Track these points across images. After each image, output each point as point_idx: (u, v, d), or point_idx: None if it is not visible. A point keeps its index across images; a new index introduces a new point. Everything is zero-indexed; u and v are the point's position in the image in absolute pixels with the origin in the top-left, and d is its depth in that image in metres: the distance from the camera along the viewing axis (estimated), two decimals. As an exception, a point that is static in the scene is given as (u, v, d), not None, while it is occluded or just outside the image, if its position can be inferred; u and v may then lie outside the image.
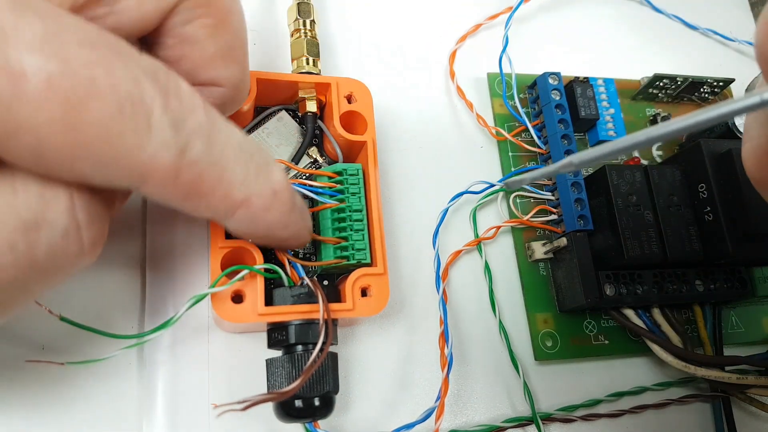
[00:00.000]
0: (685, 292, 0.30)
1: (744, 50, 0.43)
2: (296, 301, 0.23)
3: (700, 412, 0.32)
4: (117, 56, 0.15)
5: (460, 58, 0.35)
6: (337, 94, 0.27)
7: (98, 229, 0.17)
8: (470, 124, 0.34)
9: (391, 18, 0.35)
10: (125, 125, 0.15)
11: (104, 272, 0.26)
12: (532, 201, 0.33)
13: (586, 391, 0.30)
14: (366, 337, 0.28)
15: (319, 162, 0.28)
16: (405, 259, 0.30)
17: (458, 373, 0.29)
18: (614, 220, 0.29)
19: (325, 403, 0.23)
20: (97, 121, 0.15)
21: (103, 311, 0.25)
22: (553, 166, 0.20)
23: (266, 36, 0.32)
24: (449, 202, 0.31)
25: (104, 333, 0.21)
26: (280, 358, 0.23)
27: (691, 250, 0.29)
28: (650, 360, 0.32)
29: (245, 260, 0.25)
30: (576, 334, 0.31)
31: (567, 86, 0.33)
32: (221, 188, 0.18)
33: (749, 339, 0.33)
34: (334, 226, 0.25)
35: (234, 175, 0.18)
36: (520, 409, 0.29)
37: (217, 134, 0.18)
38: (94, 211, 0.17)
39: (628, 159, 0.35)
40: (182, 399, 0.25)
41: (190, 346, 0.26)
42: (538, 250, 0.31)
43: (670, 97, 0.37)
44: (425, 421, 0.26)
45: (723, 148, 0.30)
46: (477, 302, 0.31)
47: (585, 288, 0.29)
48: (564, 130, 0.32)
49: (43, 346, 0.24)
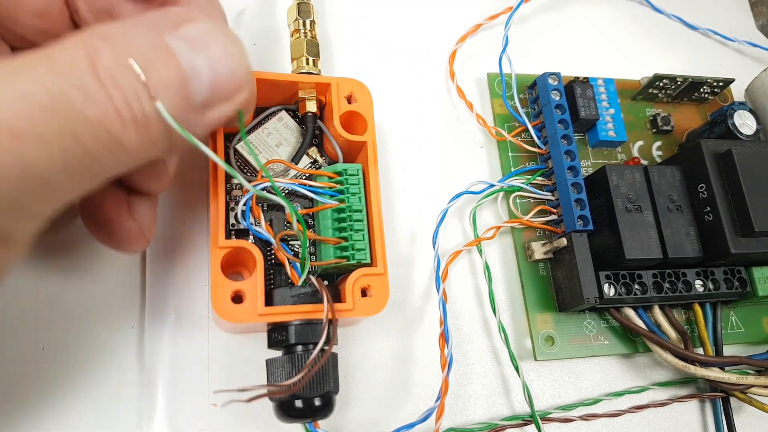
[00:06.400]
0: (685, 292, 0.30)
1: (744, 50, 0.43)
2: (297, 301, 0.23)
3: (700, 412, 0.32)
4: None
5: (460, 58, 0.35)
6: (337, 95, 0.27)
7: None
8: (470, 124, 0.34)
9: (391, 18, 0.35)
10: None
11: (105, 269, 0.26)
12: (532, 201, 0.33)
13: (586, 391, 0.31)
14: (366, 337, 0.28)
15: (319, 162, 0.28)
16: (405, 259, 0.30)
17: (458, 373, 0.29)
18: (614, 220, 0.29)
19: (325, 403, 0.23)
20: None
21: (104, 307, 0.25)
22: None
23: (266, 36, 0.32)
24: (449, 202, 0.31)
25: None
26: (280, 358, 0.23)
27: (691, 250, 0.29)
28: (650, 360, 0.32)
29: (245, 260, 0.25)
30: (576, 334, 0.31)
31: (567, 86, 0.33)
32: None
33: (749, 339, 0.33)
34: (334, 226, 0.25)
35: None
36: (520, 409, 0.29)
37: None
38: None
39: (628, 159, 0.35)
40: (182, 399, 0.25)
41: (190, 346, 0.26)
42: (537, 250, 0.31)
43: (670, 97, 0.37)
44: (425, 421, 0.26)
45: (723, 148, 0.30)
46: (477, 302, 0.31)
47: (585, 288, 0.29)
48: (564, 130, 0.32)
49: (44, 346, 0.24)
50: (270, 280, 0.26)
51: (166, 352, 0.25)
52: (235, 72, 0.19)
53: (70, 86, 0.15)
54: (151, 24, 0.18)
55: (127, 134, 0.16)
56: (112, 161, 0.17)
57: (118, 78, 0.16)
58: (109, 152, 0.16)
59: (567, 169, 0.31)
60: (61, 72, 0.15)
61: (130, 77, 0.16)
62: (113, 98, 0.16)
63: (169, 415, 0.25)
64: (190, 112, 0.18)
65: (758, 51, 0.43)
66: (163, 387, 0.25)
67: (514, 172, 0.33)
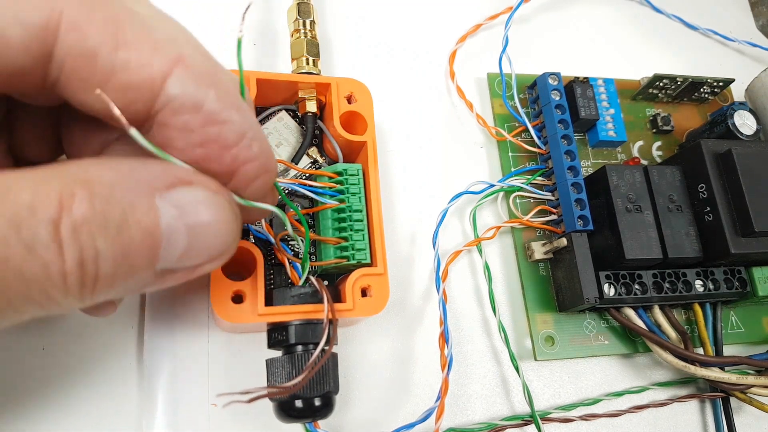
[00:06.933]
0: (685, 292, 0.30)
1: (744, 50, 0.43)
2: (297, 301, 0.23)
3: (700, 412, 0.32)
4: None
5: (460, 58, 0.35)
6: (337, 95, 0.27)
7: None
8: (470, 124, 0.34)
9: (391, 18, 0.35)
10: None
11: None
12: (532, 201, 0.33)
13: (586, 391, 0.31)
14: (366, 337, 0.28)
15: (319, 162, 0.28)
16: (405, 259, 0.30)
17: (458, 372, 0.29)
18: (614, 220, 0.29)
19: (325, 403, 0.23)
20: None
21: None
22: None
23: (266, 36, 0.32)
24: (449, 202, 0.31)
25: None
26: (280, 358, 0.23)
27: (691, 250, 0.29)
28: (650, 360, 0.32)
29: (246, 261, 0.25)
30: (576, 334, 0.31)
31: (567, 86, 0.33)
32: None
33: (749, 339, 0.33)
34: (334, 226, 0.25)
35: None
36: (520, 409, 0.29)
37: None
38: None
39: (628, 159, 0.35)
40: (182, 399, 0.25)
41: (190, 346, 0.26)
42: (537, 250, 0.31)
43: (670, 97, 0.37)
44: (425, 421, 0.26)
45: (723, 148, 0.30)
46: (477, 302, 0.31)
47: (585, 288, 0.29)
48: (564, 130, 0.32)
49: (44, 346, 0.24)
50: (270, 280, 0.26)
51: (166, 352, 0.25)
52: (214, 246, 0.17)
53: (16, 233, 0.13)
54: (147, 179, 0.16)
55: (66, 296, 0.15)
56: (35, 310, 0.15)
57: (81, 234, 0.14)
58: (39, 307, 0.15)
59: (567, 169, 0.31)
60: (15, 211, 0.13)
61: (96, 235, 0.14)
62: (65, 258, 0.14)
63: (169, 415, 0.25)
64: (148, 276, 0.16)
65: (758, 51, 0.43)
66: (163, 387, 0.25)
67: (514, 172, 0.33)
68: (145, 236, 0.16)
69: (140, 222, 0.15)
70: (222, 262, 0.18)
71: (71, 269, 0.14)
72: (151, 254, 0.16)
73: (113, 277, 0.15)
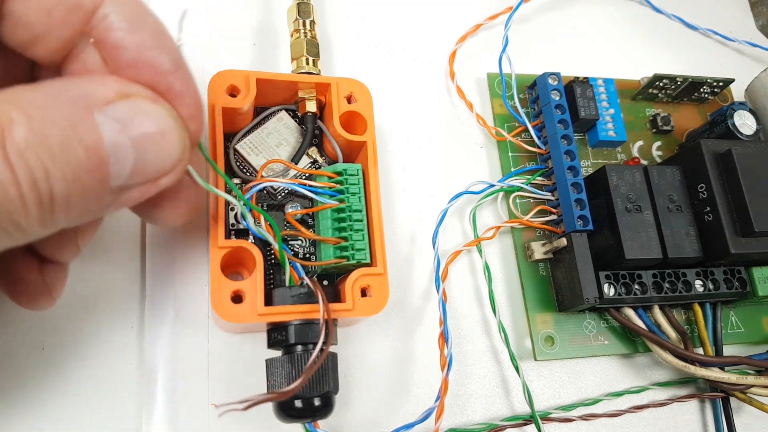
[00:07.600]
0: (685, 292, 0.30)
1: (744, 50, 0.43)
2: (296, 301, 0.23)
3: (700, 412, 0.32)
4: None
5: (460, 58, 0.35)
6: (336, 95, 0.27)
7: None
8: (470, 124, 0.34)
9: (391, 18, 0.35)
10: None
11: (105, 269, 0.26)
12: (531, 201, 0.33)
13: (586, 391, 0.31)
14: (366, 337, 0.28)
15: (319, 162, 0.28)
16: (405, 259, 0.30)
17: (458, 372, 0.29)
18: (614, 220, 0.29)
19: (325, 403, 0.23)
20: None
21: (103, 307, 0.25)
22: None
23: (266, 36, 0.32)
24: (449, 202, 0.31)
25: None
26: (280, 358, 0.23)
27: (691, 250, 0.29)
28: (650, 360, 0.32)
29: (245, 260, 0.25)
30: (576, 334, 0.31)
31: (567, 86, 0.33)
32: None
33: (749, 339, 0.33)
34: (334, 226, 0.25)
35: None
36: (520, 409, 0.29)
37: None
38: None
39: (628, 159, 0.35)
40: (182, 399, 0.25)
41: (190, 346, 0.26)
42: (537, 250, 0.31)
43: (670, 97, 0.37)
44: (425, 421, 0.26)
45: (723, 148, 0.30)
46: (477, 302, 0.31)
47: (585, 288, 0.29)
48: (564, 130, 0.32)
49: (44, 346, 0.24)
50: (270, 280, 0.26)
51: (165, 351, 0.25)
52: (164, 156, 0.17)
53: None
54: (81, 96, 0.16)
55: (28, 219, 0.15)
56: (5, 240, 0.15)
57: (28, 157, 0.14)
58: (3, 233, 0.15)
59: (567, 169, 0.31)
60: None
61: (41, 156, 0.15)
62: (18, 179, 0.14)
63: (169, 414, 0.25)
64: (104, 195, 0.17)
65: (758, 51, 0.43)
66: (163, 387, 0.25)
67: (514, 172, 0.33)
68: (91, 154, 0.16)
69: (83, 140, 0.15)
70: (178, 172, 0.18)
71: (27, 190, 0.15)
72: (100, 172, 0.16)
73: (68, 198, 0.15)
